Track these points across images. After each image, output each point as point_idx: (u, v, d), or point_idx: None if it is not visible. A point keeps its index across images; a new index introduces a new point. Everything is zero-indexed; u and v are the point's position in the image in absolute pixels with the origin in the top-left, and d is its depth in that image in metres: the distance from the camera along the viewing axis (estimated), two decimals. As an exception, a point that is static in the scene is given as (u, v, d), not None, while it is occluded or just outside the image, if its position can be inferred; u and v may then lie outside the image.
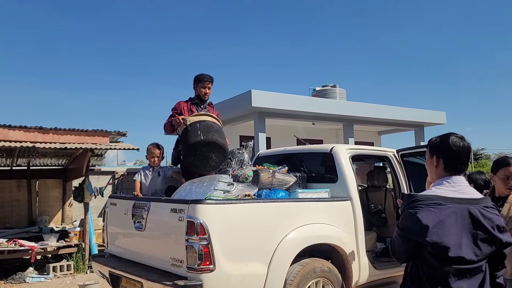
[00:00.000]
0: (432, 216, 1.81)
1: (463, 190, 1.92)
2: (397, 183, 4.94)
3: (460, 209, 1.84)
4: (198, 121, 4.39)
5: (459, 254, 1.78)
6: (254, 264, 3.41)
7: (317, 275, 3.75)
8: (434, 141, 2.06)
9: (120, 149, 7.75)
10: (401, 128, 14.25)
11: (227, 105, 11.03)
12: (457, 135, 2.01)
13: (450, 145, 1.97)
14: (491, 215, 1.85)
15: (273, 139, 11.95)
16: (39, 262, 7.28)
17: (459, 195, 1.88)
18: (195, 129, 4.33)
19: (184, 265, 3.24)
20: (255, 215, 3.53)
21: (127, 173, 10.08)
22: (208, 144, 4.30)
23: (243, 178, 4.25)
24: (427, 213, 1.82)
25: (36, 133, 6.89)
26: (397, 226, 1.97)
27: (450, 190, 1.90)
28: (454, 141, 1.97)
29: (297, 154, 5.04)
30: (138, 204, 3.89)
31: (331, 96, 12.51)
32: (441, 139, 2.02)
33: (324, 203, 4.08)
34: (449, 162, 1.97)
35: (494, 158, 34.07)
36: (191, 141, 4.29)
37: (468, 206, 1.85)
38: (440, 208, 1.83)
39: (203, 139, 4.27)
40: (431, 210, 1.82)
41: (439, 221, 1.80)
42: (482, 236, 1.82)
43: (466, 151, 1.97)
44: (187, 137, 4.34)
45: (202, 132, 4.31)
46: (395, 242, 1.98)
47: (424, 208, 1.83)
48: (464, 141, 1.98)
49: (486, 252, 1.82)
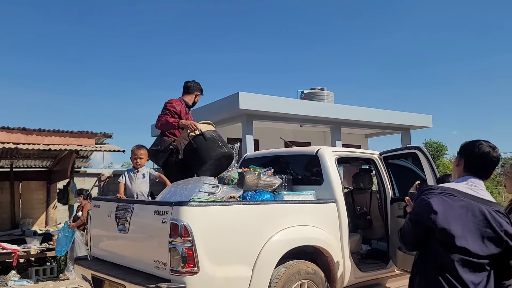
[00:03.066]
0: (443, 203, 1.90)
1: (479, 191, 1.98)
2: (382, 185, 4.97)
3: (472, 205, 1.91)
4: (211, 131, 4.54)
5: (464, 245, 1.83)
6: (238, 267, 3.39)
7: (302, 277, 3.74)
8: (465, 142, 2.14)
9: (106, 150, 7.67)
10: (388, 131, 14.37)
11: (215, 107, 11.00)
12: (488, 143, 2.07)
13: (475, 147, 2.04)
14: (501, 220, 1.90)
15: (261, 142, 11.94)
16: (21, 266, 7.14)
17: (473, 193, 1.95)
18: (213, 139, 4.46)
19: (167, 267, 3.21)
20: (240, 217, 3.51)
21: (114, 175, 9.97)
22: (228, 157, 4.56)
23: (229, 180, 4.24)
24: (439, 200, 1.91)
25: (19, 134, 6.77)
26: (409, 213, 2.07)
27: (465, 187, 1.98)
28: (480, 146, 2.04)
29: (283, 156, 5.04)
30: (122, 206, 3.85)
31: (319, 99, 12.55)
32: (471, 142, 2.10)
33: (309, 205, 4.09)
34: (470, 164, 2.05)
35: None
36: (215, 152, 4.40)
37: (480, 205, 1.92)
38: (452, 198, 1.92)
39: (226, 151, 4.50)
40: (443, 198, 1.92)
41: (449, 209, 1.88)
42: (490, 235, 1.86)
43: (491, 159, 2.03)
44: (207, 147, 4.39)
45: (222, 144, 4.51)
46: (405, 227, 2.05)
47: (437, 196, 1.93)
48: (492, 150, 2.03)
49: (492, 251, 1.86)
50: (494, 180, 25.57)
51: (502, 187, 23.01)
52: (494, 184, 22.85)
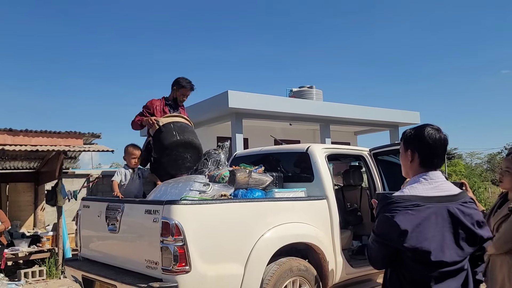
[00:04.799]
0: (410, 220, 1.67)
1: (441, 186, 1.79)
2: (372, 181, 5.01)
3: (440, 209, 1.72)
4: (172, 122, 4.37)
5: (441, 259, 1.67)
6: (230, 265, 3.39)
7: (294, 274, 3.76)
8: (408, 134, 1.90)
9: (94, 151, 7.59)
10: (377, 128, 14.49)
11: (204, 106, 10.97)
12: (433, 126, 1.86)
13: (426, 137, 1.82)
14: (470, 211, 1.76)
15: (251, 140, 11.94)
16: (10, 268, 7.04)
17: (437, 193, 1.76)
18: (169, 129, 4.30)
19: (159, 267, 3.19)
20: (231, 215, 3.51)
21: (102, 175, 9.87)
22: (184, 145, 4.30)
23: (220, 179, 4.23)
24: (405, 217, 1.67)
25: (6, 135, 6.66)
26: (373, 231, 1.81)
27: (427, 188, 1.77)
28: (430, 133, 1.82)
29: (274, 154, 5.05)
30: (112, 206, 3.81)
31: (308, 97, 12.59)
32: (415, 131, 1.87)
33: (300, 202, 4.11)
34: (425, 157, 1.83)
35: (466, 158, 34.51)
36: (167, 142, 4.26)
37: (447, 204, 1.74)
38: (418, 210, 1.69)
39: (179, 139, 4.26)
40: (409, 212, 1.68)
41: (418, 224, 1.67)
42: (463, 235, 1.72)
43: (443, 144, 1.84)
44: (161, 138, 4.31)
45: (177, 132, 4.29)
46: (371, 248, 1.82)
47: (402, 211, 1.68)
48: (441, 133, 1.84)
49: (468, 252, 1.75)
50: (481, 176, 25.96)
51: (489, 183, 23.36)
52: (481, 180, 23.20)
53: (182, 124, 4.46)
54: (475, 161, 33.00)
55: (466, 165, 28.29)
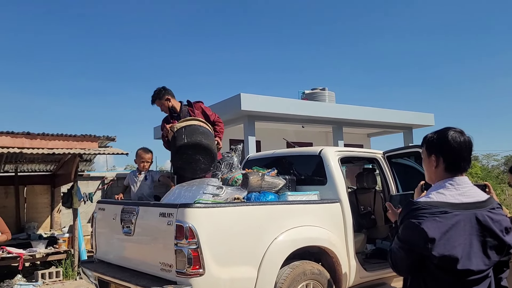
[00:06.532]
0: (438, 227, 1.63)
1: (468, 192, 1.74)
2: (385, 184, 4.98)
3: (468, 216, 1.67)
4: (184, 126, 4.43)
5: (467, 267, 1.63)
6: (244, 268, 3.40)
7: (307, 278, 3.75)
8: (431, 138, 1.84)
9: (109, 154, 7.69)
10: (390, 130, 14.36)
11: (216, 109, 10.94)
12: (456, 129, 1.79)
13: (450, 141, 1.75)
14: (498, 217, 1.72)
15: (263, 143, 11.96)
16: (27, 269, 7.17)
17: (465, 200, 1.71)
18: (180, 133, 4.38)
19: (173, 269, 3.22)
20: (245, 218, 3.52)
21: (117, 178, 9.99)
22: (193, 147, 4.34)
23: (232, 182, 4.25)
24: (433, 224, 1.63)
25: (24, 138, 6.81)
26: (398, 237, 1.77)
27: (454, 193, 1.72)
28: (454, 137, 1.76)
29: (286, 157, 5.05)
30: (127, 209, 3.86)
31: (320, 99, 12.56)
32: (438, 135, 1.81)
33: (313, 206, 4.10)
34: (451, 161, 1.76)
35: (482, 160, 33.89)
36: (176, 145, 4.33)
37: (475, 211, 1.69)
38: (446, 217, 1.65)
39: (187, 141, 4.32)
40: (437, 220, 1.64)
41: (446, 231, 1.63)
42: (492, 243, 1.68)
43: (468, 147, 1.77)
44: (172, 143, 4.39)
45: (186, 135, 4.36)
46: (396, 255, 1.77)
47: (429, 218, 1.64)
48: (464, 136, 1.78)
49: (495, 260, 1.71)
50: (497, 178, 25.51)
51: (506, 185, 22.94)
52: (498, 182, 22.79)
53: (194, 126, 4.50)
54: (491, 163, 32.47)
55: (483, 167, 27.84)
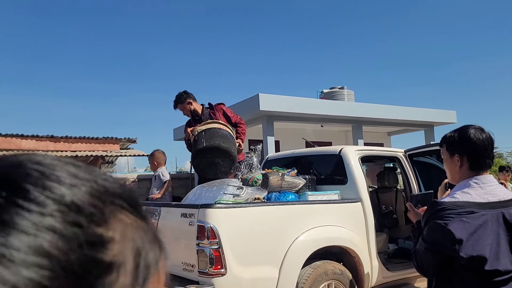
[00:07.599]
0: (465, 228, 1.60)
1: (494, 191, 1.71)
2: (407, 183, 4.90)
3: (494, 216, 1.65)
4: (204, 130, 4.48)
5: (495, 267, 1.61)
6: (265, 268, 3.41)
7: (329, 278, 3.73)
8: (451, 138, 1.81)
9: (130, 155, 7.81)
10: (411, 129, 14.13)
11: (235, 109, 10.95)
12: (475, 127, 1.77)
13: (472, 139, 1.73)
14: None
15: (282, 142, 11.93)
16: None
17: (491, 199, 1.69)
18: (200, 137, 4.44)
19: (195, 269, 3.25)
20: (265, 219, 3.53)
21: (138, 179, 10.14)
22: (212, 150, 4.38)
23: (252, 182, 4.26)
24: (460, 224, 1.61)
25: (48, 141, 6.99)
26: (423, 239, 1.74)
27: (480, 193, 1.70)
28: (475, 134, 1.74)
29: (306, 157, 5.04)
30: (149, 210, 3.92)
31: (339, 98, 12.45)
32: (459, 134, 1.79)
33: (334, 205, 4.07)
34: (475, 159, 1.74)
35: (507, 157, 33.33)
36: (195, 149, 4.39)
37: (502, 210, 1.67)
38: (473, 217, 1.62)
39: (206, 145, 4.38)
40: (464, 220, 1.61)
41: (473, 232, 1.61)
42: None
43: (490, 143, 1.76)
44: (193, 147, 4.45)
45: (205, 139, 4.41)
46: (422, 256, 1.74)
47: (456, 219, 1.61)
48: (485, 132, 1.76)
49: None
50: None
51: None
52: None
53: (213, 130, 4.53)
54: (517, 160, 31.65)
55: (507, 164, 27.16)
